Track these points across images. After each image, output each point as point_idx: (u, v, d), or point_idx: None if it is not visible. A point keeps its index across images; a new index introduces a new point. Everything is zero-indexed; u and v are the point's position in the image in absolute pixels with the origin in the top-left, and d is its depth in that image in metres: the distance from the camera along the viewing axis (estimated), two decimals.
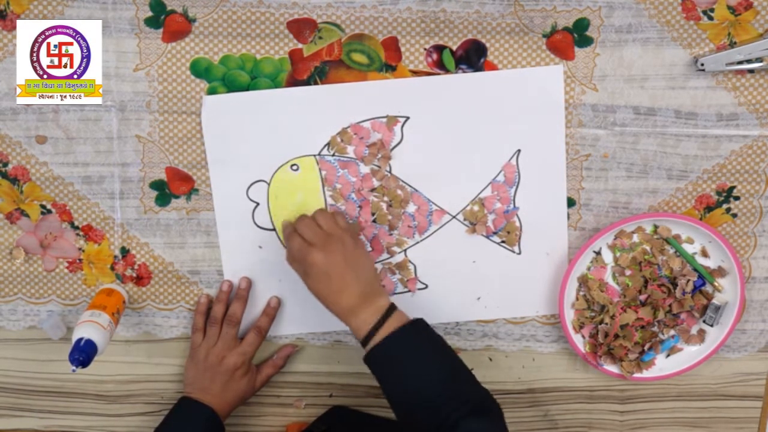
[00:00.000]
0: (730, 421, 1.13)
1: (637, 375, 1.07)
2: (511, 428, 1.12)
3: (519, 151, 1.01)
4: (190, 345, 1.04)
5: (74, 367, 0.93)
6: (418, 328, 0.90)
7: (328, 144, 1.01)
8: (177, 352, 1.08)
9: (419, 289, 1.06)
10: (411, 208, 1.03)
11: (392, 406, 0.89)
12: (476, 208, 1.03)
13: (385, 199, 1.02)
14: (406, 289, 1.06)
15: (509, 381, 1.10)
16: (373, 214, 1.03)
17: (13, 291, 1.06)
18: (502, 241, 1.05)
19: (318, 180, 1.02)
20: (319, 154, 1.01)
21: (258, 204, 1.02)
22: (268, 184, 1.02)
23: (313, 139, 1.01)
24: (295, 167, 1.01)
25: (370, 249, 1.04)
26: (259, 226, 1.03)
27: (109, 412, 1.11)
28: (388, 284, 1.05)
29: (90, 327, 0.96)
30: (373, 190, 1.02)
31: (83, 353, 0.93)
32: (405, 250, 1.05)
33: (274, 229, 1.03)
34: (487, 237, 1.04)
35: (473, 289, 1.06)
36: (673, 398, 1.12)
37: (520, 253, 1.05)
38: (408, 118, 1.00)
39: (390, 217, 1.03)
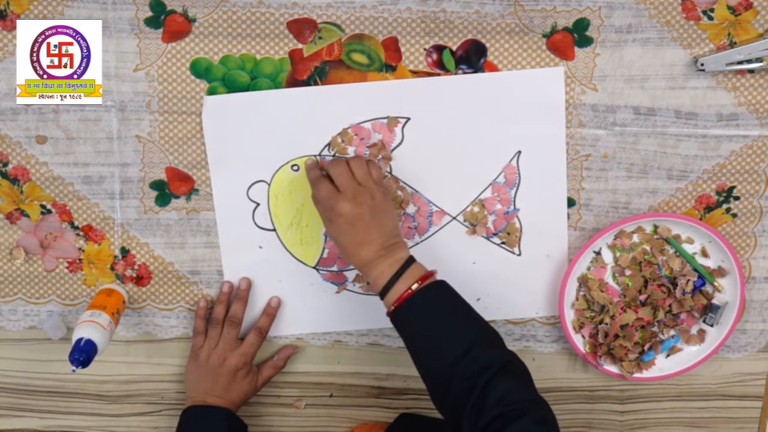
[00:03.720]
0: (730, 421, 1.13)
1: (637, 375, 1.07)
2: None
3: (519, 152, 1.01)
4: (191, 348, 1.04)
5: (74, 367, 0.93)
6: (441, 289, 0.89)
7: (329, 144, 1.01)
8: (177, 352, 1.08)
9: None
10: (411, 209, 1.03)
11: (421, 374, 0.88)
12: (476, 209, 1.03)
13: None
14: None
15: None
16: None
17: (13, 291, 1.06)
18: (503, 243, 1.04)
19: None
20: (319, 155, 1.01)
21: (258, 204, 1.02)
22: (269, 185, 1.02)
23: (313, 139, 1.00)
24: (295, 167, 1.01)
25: None
26: (259, 227, 1.03)
27: (110, 412, 1.11)
28: None
29: (90, 327, 0.96)
30: None
31: (83, 353, 0.93)
32: None
33: (274, 230, 1.03)
34: (488, 238, 1.04)
35: (473, 290, 1.06)
36: (673, 398, 1.12)
37: (520, 255, 1.05)
38: (409, 119, 1.00)
39: None
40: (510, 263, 1.05)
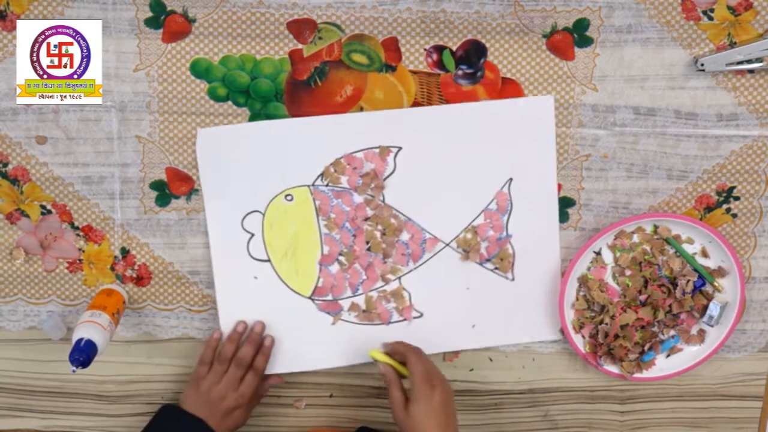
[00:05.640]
0: (730, 421, 1.13)
1: (637, 375, 1.07)
2: (511, 428, 1.12)
3: (511, 179, 1.02)
4: (194, 374, 1.02)
5: (74, 368, 0.93)
6: None
7: (322, 174, 1.01)
8: (177, 353, 1.08)
9: (415, 317, 1.06)
10: (405, 236, 1.03)
11: None
12: (469, 235, 1.03)
13: (379, 227, 1.03)
14: (402, 318, 1.06)
15: (509, 381, 1.11)
16: (367, 243, 1.03)
17: (13, 291, 1.06)
18: (496, 268, 1.05)
19: (312, 210, 1.02)
20: (313, 185, 1.01)
21: (253, 235, 1.02)
22: (263, 215, 1.02)
23: (306, 169, 1.01)
24: (289, 197, 1.01)
25: (365, 277, 1.04)
26: (254, 258, 1.03)
27: (110, 413, 1.11)
28: (383, 312, 1.05)
29: (90, 327, 0.96)
30: (366, 219, 1.02)
31: (83, 353, 0.93)
32: (399, 278, 1.05)
33: (269, 260, 1.03)
34: (481, 264, 1.05)
35: (468, 316, 1.06)
36: (673, 398, 1.12)
37: (513, 280, 1.05)
38: (400, 148, 1.00)
39: (384, 246, 1.03)
40: (503, 288, 1.05)
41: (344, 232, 1.03)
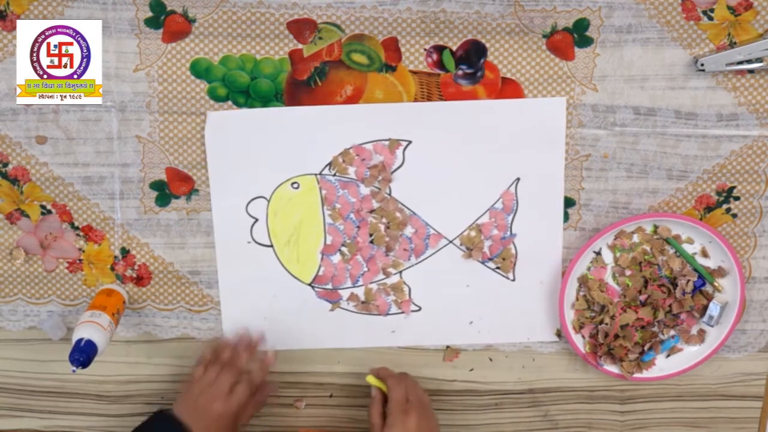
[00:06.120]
0: (730, 421, 1.13)
1: (637, 375, 1.07)
2: (511, 428, 1.12)
3: (518, 179, 1.02)
4: (191, 374, 1.00)
5: (74, 368, 0.93)
6: None
7: (330, 164, 1.01)
8: (177, 353, 1.08)
9: (413, 311, 1.06)
10: (409, 230, 1.03)
11: None
12: (473, 233, 1.03)
13: (384, 220, 1.03)
14: (399, 311, 1.06)
15: (509, 381, 1.11)
16: (370, 235, 1.03)
17: (13, 291, 1.06)
18: (497, 267, 1.05)
19: (318, 199, 1.02)
20: (320, 174, 1.01)
21: (257, 220, 1.02)
22: (268, 201, 1.02)
23: (314, 158, 1.01)
24: (295, 185, 1.01)
25: (366, 269, 1.04)
26: (256, 242, 1.03)
27: (110, 413, 1.11)
28: (382, 305, 1.06)
29: (90, 327, 0.96)
30: (372, 211, 1.02)
31: (83, 354, 0.94)
32: (401, 272, 1.05)
33: (271, 246, 1.03)
34: (483, 263, 1.05)
35: (466, 313, 1.07)
36: (673, 398, 1.12)
37: (514, 280, 1.05)
38: (410, 142, 1.00)
39: (387, 239, 1.03)
40: (504, 288, 1.05)
41: (348, 223, 1.03)
